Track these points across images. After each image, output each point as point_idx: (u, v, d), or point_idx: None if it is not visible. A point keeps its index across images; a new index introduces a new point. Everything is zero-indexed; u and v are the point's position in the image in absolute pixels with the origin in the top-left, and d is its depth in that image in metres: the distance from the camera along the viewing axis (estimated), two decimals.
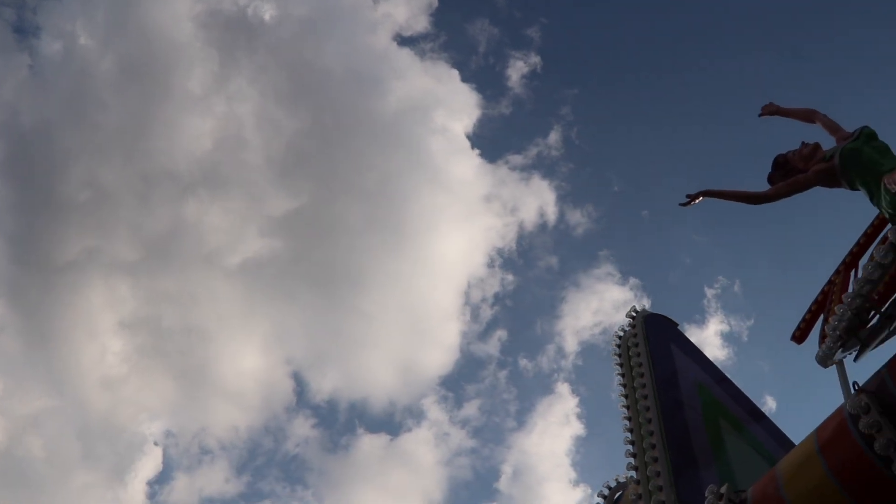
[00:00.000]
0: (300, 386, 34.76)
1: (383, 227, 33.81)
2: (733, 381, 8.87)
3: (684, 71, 30.05)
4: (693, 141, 30.00)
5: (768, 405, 25.07)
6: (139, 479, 33.63)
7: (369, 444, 33.76)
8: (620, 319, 9.13)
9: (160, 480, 36.44)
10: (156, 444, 35.01)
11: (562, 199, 33.17)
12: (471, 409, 32.61)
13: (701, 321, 30.77)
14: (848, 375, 5.65)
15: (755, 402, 8.91)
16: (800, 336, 8.47)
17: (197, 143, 33.45)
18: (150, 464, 33.68)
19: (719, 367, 9.14)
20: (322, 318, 34.18)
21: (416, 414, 35.20)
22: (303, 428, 33.49)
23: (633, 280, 31.44)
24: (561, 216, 32.73)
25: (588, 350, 31.13)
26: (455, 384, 34.94)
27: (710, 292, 29.91)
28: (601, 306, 31.27)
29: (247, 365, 34.90)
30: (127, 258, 32.72)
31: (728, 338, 31.01)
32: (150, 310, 33.32)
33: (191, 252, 33.12)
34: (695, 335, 28.24)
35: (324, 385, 34.90)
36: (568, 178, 32.73)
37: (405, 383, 35.04)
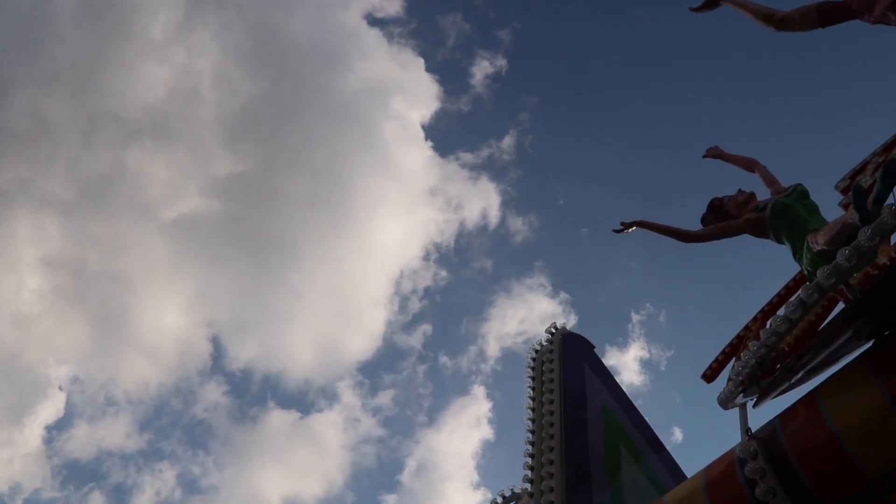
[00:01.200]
0: (217, 351, 34.31)
1: (324, 204, 33.56)
2: (644, 407, 9.09)
3: (645, 97, 30.51)
4: (643, 167, 30.51)
5: (675, 436, 25.65)
6: (38, 423, 32.78)
7: (278, 419, 33.48)
8: (544, 332, 9.24)
9: (59, 426, 35.57)
10: (60, 388, 34.16)
11: (506, 204, 33.41)
12: (385, 398, 32.63)
13: (623, 344, 31.39)
14: (749, 420, 5.81)
15: (662, 431, 9.15)
16: (710, 375, 8.69)
17: (150, 90, 32.74)
18: (51, 408, 32.86)
19: (634, 391, 9.37)
20: (249, 287, 33.78)
21: (329, 395, 35.08)
22: (214, 393, 33.06)
23: (563, 294, 31.85)
24: (502, 221, 32.95)
25: (509, 357, 31.41)
26: (373, 371, 34.89)
27: (635, 318, 30.50)
28: (528, 316, 31.59)
29: (167, 322, 34.29)
30: (60, 196, 31.84)
31: (646, 365, 31.72)
32: (75, 251, 32.51)
33: (126, 199, 32.41)
34: (614, 357, 28.81)
35: (241, 353, 34.49)
36: (515, 185, 32.97)
37: (323, 363, 34.84)
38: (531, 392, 8.17)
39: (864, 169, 8.44)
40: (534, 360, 8.53)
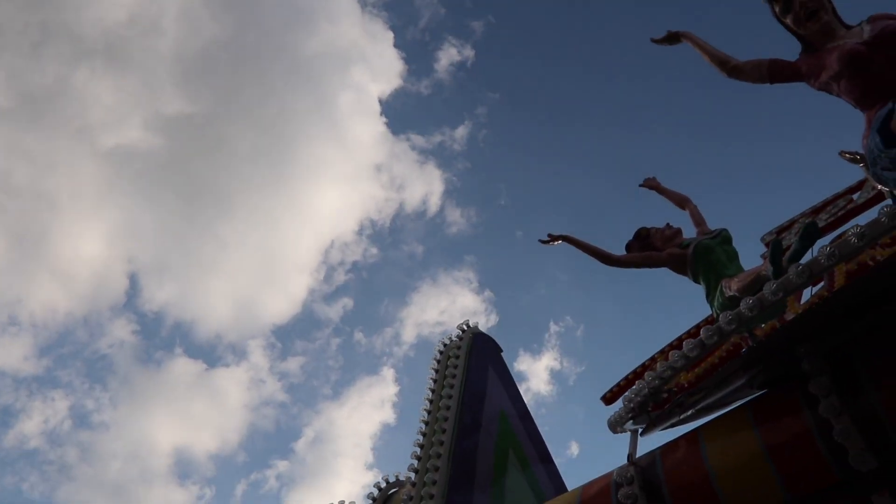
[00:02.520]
0: (133, 289, 33.45)
1: (267, 160, 32.99)
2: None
3: (607, 116, 30.82)
4: (590, 184, 30.84)
5: (571, 450, 26.09)
6: None
7: (183, 367, 32.89)
8: (467, 320, 9.30)
9: None
10: None
11: (448, 193, 33.37)
12: (294, 364, 32.34)
13: (537, 351, 31.79)
14: (640, 447, 5.94)
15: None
16: (610, 398, 8.90)
17: (111, 11, 31.72)
18: None
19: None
20: (177, 230, 33.07)
21: (238, 352, 34.56)
22: (122, 331, 32.29)
23: (488, 292, 32.01)
24: (441, 209, 32.92)
25: (423, 345, 31.47)
26: (286, 336, 34.50)
27: (553, 328, 30.89)
28: (449, 308, 31.69)
29: (86, 250, 33.32)
30: None
31: (556, 376, 32.07)
32: (3, 162, 31.30)
33: (66, 119, 31.36)
34: (526, 363, 29.17)
35: (157, 295, 33.71)
36: (461, 176, 32.97)
37: (237, 319, 34.28)
38: (432, 384, 8.23)
39: (791, 226, 8.72)
40: (441, 353, 8.60)
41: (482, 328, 9.21)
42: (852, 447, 4.01)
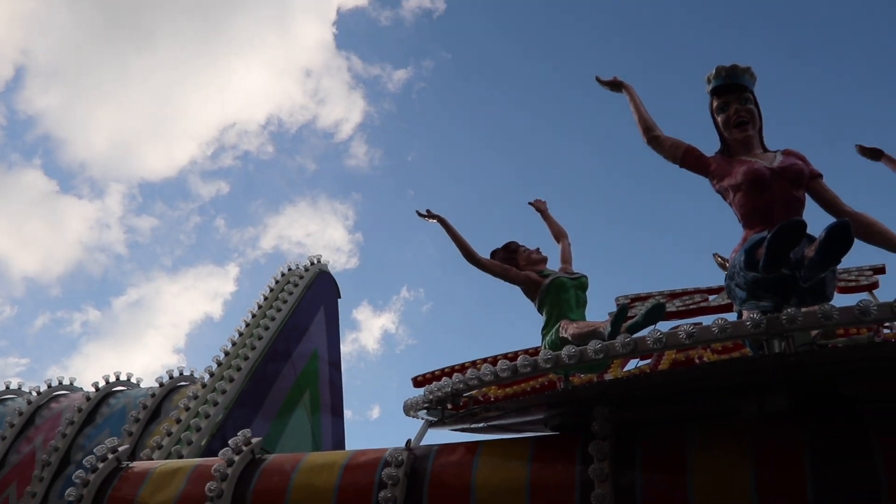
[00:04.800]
0: (16, 82, 31.19)
1: (204, 18, 31.37)
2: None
3: (543, 117, 30.96)
4: (496, 176, 31.02)
5: (372, 413, 26.40)
6: None
7: (35, 180, 31.02)
8: (320, 255, 9.24)
9: None
10: None
11: (363, 127, 32.60)
12: (146, 223, 31.06)
13: (380, 308, 31.89)
14: (424, 438, 6.07)
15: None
16: (420, 382, 9.10)
17: None
18: None
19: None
20: (87, 44, 31.03)
21: (96, 189, 32.80)
22: None
23: (358, 235, 31.74)
24: (350, 138, 32.22)
25: (276, 257, 30.82)
26: (151, 194, 33.07)
27: (404, 293, 31.00)
28: (317, 234, 31.21)
29: None
30: None
31: (387, 338, 32.20)
32: None
33: None
34: (364, 314, 29.30)
35: (38, 100, 31.58)
36: (382, 117, 32.38)
37: (110, 157, 32.48)
38: (262, 300, 8.17)
39: (646, 299, 9.14)
40: (282, 275, 8.56)
41: (340, 266, 9.30)
42: None
